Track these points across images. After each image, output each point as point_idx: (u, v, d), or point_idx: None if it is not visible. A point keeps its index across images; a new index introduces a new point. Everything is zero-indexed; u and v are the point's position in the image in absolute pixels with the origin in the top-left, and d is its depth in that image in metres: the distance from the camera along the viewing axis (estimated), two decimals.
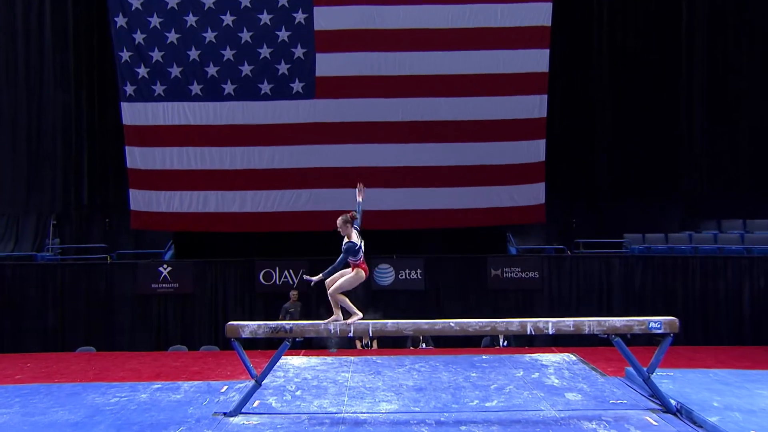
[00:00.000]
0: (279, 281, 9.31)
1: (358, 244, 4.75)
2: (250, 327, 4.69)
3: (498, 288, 9.43)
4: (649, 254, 9.59)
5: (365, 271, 4.81)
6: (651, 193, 10.58)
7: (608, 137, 10.63)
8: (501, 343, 8.38)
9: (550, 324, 5.07)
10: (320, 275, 4.78)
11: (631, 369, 5.49)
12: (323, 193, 9.44)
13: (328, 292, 4.80)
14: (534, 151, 9.52)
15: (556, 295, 9.46)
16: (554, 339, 8.93)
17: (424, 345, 8.25)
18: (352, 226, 4.82)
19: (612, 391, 5.52)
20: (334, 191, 9.37)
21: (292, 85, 9.46)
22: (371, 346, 8.23)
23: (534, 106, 9.40)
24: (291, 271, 9.30)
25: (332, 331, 4.85)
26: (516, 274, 9.60)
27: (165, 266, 9.29)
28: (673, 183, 10.58)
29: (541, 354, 7.02)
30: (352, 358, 6.82)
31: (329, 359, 6.71)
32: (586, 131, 10.70)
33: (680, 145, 10.64)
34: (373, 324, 4.97)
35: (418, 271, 9.49)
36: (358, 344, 8.31)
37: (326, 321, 4.84)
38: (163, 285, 9.19)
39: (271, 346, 6.65)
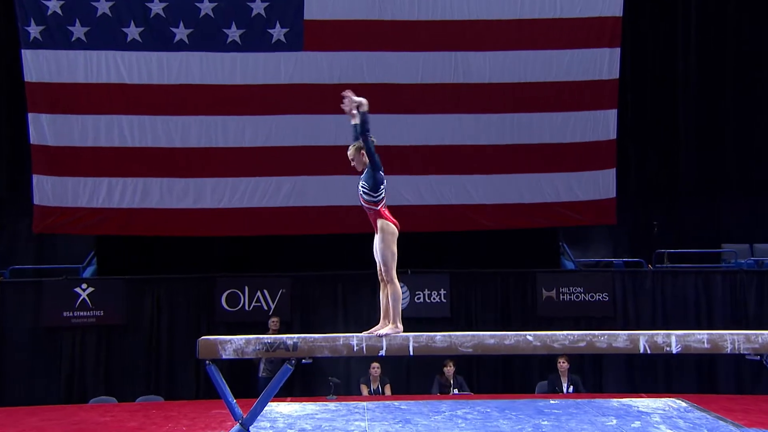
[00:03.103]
0: (249, 306, 9.02)
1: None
2: (234, 343, 4.20)
3: (552, 315, 9.10)
4: (762, 270, 9.34)
5: (395, 224, 4.58)
6: (757, 189, 10.40)
7: (696, 115, 10.51)
8: (565, 389, 8.01)
9: (673, 338, 4.72)
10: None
11: None
12: (313, 182, 9.12)
13: (385, 275, 4.53)
14: (602, 124, 9.20)
15: (634, 323, 9.15)
16: (636, 384, 8.65)
17: (456, 391, 7.98)
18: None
19: None
20: (327, 179, 9.03)
21: (270, 31, 9.02)
22: (382, 393, 7.95)
23: (602, 62, 9.10)
24: (266, 291, 9.04)
25: (356, 348, 4.34)
26: (577, 297, 9.28)
27: (84, 286, 8.92)
28: None
29: (634, 399, 6.83)
30: (365, 403, 6.54)
31: (331, 406, 6.41)
32: (665, 103, 10.56)
33: None
34: (415, 338, 4.55)
35: (442, 291, 9.22)
36: (365, 390, 8.01)
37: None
38: (81, 313, 8.84)
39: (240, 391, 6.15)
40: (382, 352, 4.43)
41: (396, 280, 4.55)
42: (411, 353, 4.52)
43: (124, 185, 8.96)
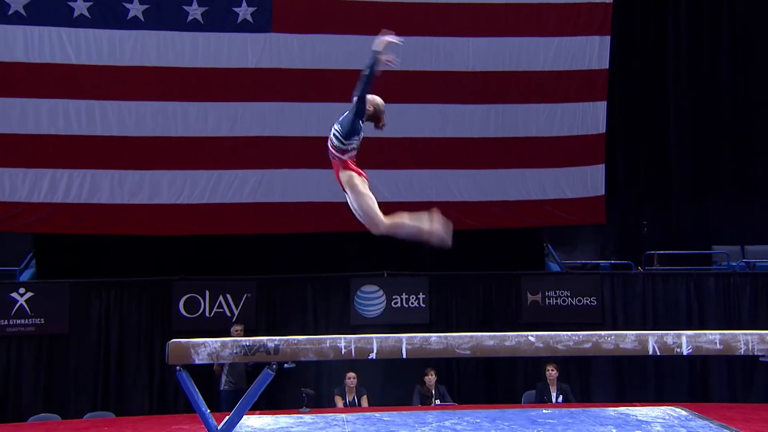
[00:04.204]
0: (210, 312, 8.76)
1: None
2: (209, 347, 4.01)
3: (537, 320, 8.98)
4: (754, 272, 9.42)
5: (361, 174, 4.43)
6: (749, 191, 10.56)
7: (686, 114, 10.64)
8: (554, 399, 7.96)
9: (684, 339, 4.63)
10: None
11: None
12: (282, 175, 8.97)
13: (373, 229, 4.32)
14: (592, 117, 9.27)
15: (623, 328, 9.03)
16: (625, 393, 8.68)
17: (438, 401, 7.87)
18: None
19: None
20: (297, 173, 8.90)
21: (236, 9, 8.82)
22: (359, 405, 7.77)
23: (592, 51, 9.14)
24: (229, 296, 8.79)
25: (344, 350, 4.18)
26: (564, 300, 9.26)
27: (21, 291, 8.55)
28: None
29: (631, 407, 6.75)
30: (344, 415, 6.32)
31: (307, 418, 6.18)
32: (656, 101, 10.65)
33: None
34: (409, 339, 4.34)
35: (421, 296, 9.09)
36: (339, 402, 7.81)
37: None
38: (18, 321, 8.50)
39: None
40: (373, 355, 4.22)
41: (392, 218, 4.34)
42: (404, 355, 4.33)
43: (69, 178, 8.64)
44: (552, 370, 7.92)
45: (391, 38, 4.27)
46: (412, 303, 9.08)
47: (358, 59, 8.84)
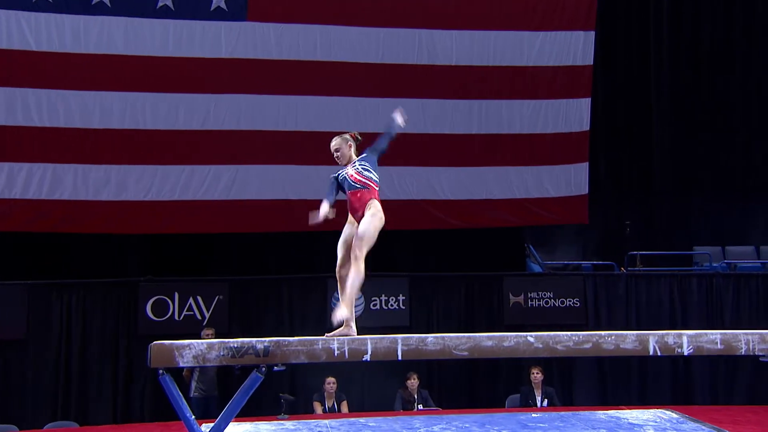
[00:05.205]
0: (179, 315, 8.56)
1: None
2: (194, 349, 3.85)
3: (520, 322, 8.94)
4: (737, 273, 9.52)
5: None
6: (730, 192, 10.72)
7: (668, 114, 10.73)
8: (539, 402, 7.91)
9: (684, 339, 4.64)
10: None
11: None
12: (256, 171, 8.74)
13: (355, 249, 4.30)
14: (576, 114, 9.24)
15: (607, 330, 9.01)
16: (608, 396, 8.72)
17: (421, 406, 7.79)
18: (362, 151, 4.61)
19: None
20: (273, 169, 8.70)
21: None
22: (338, 410, 7.63)
23: (576, 46, 9.13)
24: (200, 298, 8.59)
25: (337, 352, 4.01)
26: (546, 302, 9.24)
27: None
28: (764, 179, 10.78)
29: (621, 411, 6.77)
30: (327, 422, 6.23)
31: (288, 425, 6.07)
32: (638, 100, 10.72)
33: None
34: (404, 340, 4.22)
35: (401, 297, 8.98)
36: (318, 408, 7.64)
37: (333, 332, 4.23)
38: None
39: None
40: (367, 357, 4.09)
41: (362, 261, 4.30)
42: (399, 357, 4.23)
43: (29, 172, 8.31)
44: (537, 373, 7.84)
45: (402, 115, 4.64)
46: (392, 305, 8.95)
47: (338, 50, 8.84)
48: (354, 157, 4.57)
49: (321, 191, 9.01)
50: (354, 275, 4.26)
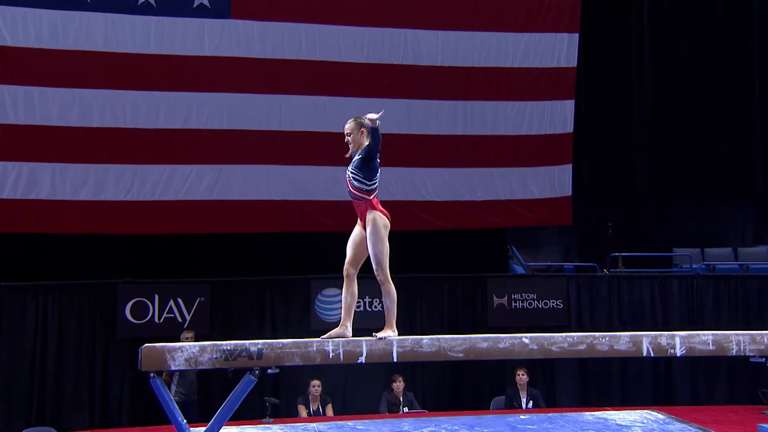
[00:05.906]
0: (160, 317, 8.50)
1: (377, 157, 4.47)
2: (186, 351, 3.77)
3: (504, 324, 8.96)
4: (716, 274, 9.69)
5: (387, 216, 4.52)
6: (711, 194, 10.90)
7: (651, 117, 10.90)
8: (524, 404, 7.96)
9: (677, 340, 4.75)
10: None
11: None
12: (240, 171, 8.65)
13: (379, 274, 4.46)
14: (560, 115, 9.31)
15: (590, 331, 9.12)
16: (590, 397, 8.82)
17: (406, 409, 7.78)
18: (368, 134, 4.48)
19: None
20: (256, 169, 8.63)
21: None
22: (323, 414, 7.61)
23: (561, 48, 9.20)
24: (181, 300, 8.53)
25: (332, 354, 4.03)
26: (530, 304, 9.32)
27: None
28: (743, 182, 11.01)
29: (608, 412, 6.93)
30: (314, 425, 6.29)
31: (276, 429, 6.16)
32: (621, 103, 10.85)
33: (753, 133, 11.02)
34: (400, 342, 4.32)
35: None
36: (303, 411, 7.60)
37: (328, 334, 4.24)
38: None
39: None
40: (362, 359, 4.16)
41: (390, 279, 4.45)
42: (395, 359, 4.27)
43: (4, 171, 8.12)
44: (522, 375, 7.89)
45: (376, 115, 4.43)
46: (375, 307, 8.91)
47: (322, 49, 8.81)
48: (364, 144, 4.48)
49: (305, 191, 8.98)
50: (385, 297, 4.48)
